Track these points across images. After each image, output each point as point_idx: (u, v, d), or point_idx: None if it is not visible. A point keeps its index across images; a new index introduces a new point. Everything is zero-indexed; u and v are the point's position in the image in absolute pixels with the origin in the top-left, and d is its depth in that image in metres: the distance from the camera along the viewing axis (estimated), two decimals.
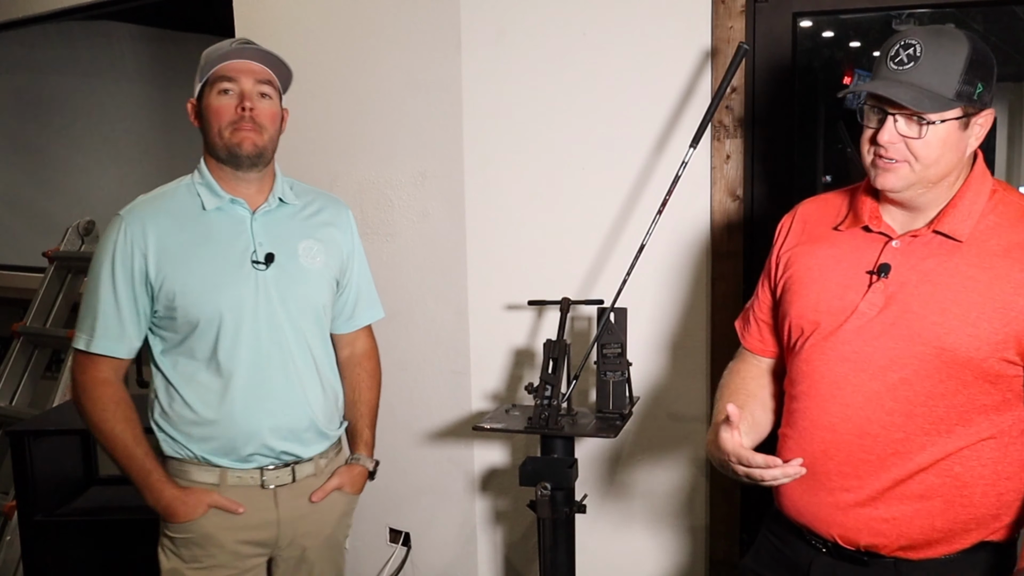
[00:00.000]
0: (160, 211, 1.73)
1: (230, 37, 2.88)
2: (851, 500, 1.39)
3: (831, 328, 1.41)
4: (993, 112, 1.35)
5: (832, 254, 1.46)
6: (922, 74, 1.29)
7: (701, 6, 2.22)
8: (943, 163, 1.33)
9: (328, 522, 1.88)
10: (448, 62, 2.43)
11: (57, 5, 4.30)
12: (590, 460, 2.44)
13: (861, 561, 1.42)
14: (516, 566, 2.61)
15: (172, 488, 1.72)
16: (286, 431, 1.76)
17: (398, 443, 2.68)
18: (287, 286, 1.76)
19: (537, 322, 2.47)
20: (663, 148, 2.29)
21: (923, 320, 1.33)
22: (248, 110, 1.69)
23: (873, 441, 1.37)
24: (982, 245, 1.33)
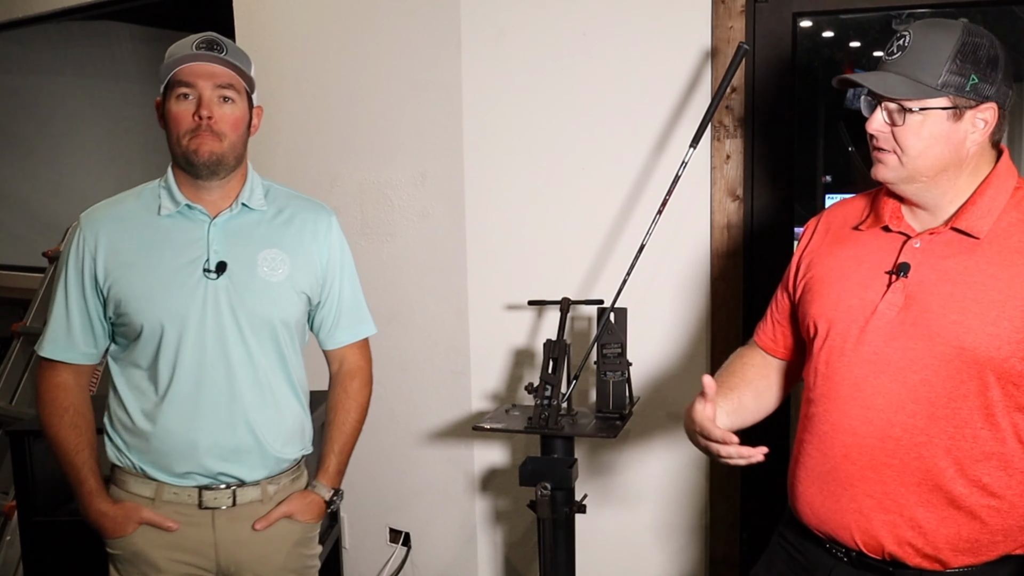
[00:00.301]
0: (115, 216, 1.68)
1: (230, 37, 2.89)
2: (874, 505, 1.36)
3: (850, 329, 1.38)
4: (995, 107, 1.30)
5: (853, 254, 1.44)
6: (907, 63, 1.29)
7: (701, 6, 2.22)
8: (931, 155, 1.31)
9: (277, 551, 1.73)
10: (448, 62, 2.43)
11: (57, 5, 4.30)
12: (590, 460, 2.44)
13: (885, 571, 1.38)
14: (516, 566, 2.61)
15: (101, 502, 1.67)
16: (225, 451, 1.65)
17: (398, 443, 2.68)
18: (240, 299, 1.64)
19: (537, 322, 2.47)
20: (663, 148, 2.29)
21: (942, 320, 1.30)
22: (206, 119, 1.59)
23: (895, 444, 1.33)
24: (1003, 243, 1.30)
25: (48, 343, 1.69)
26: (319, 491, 1.79)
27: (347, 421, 1.83)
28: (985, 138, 1.32)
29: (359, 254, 2.68)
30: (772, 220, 2.26)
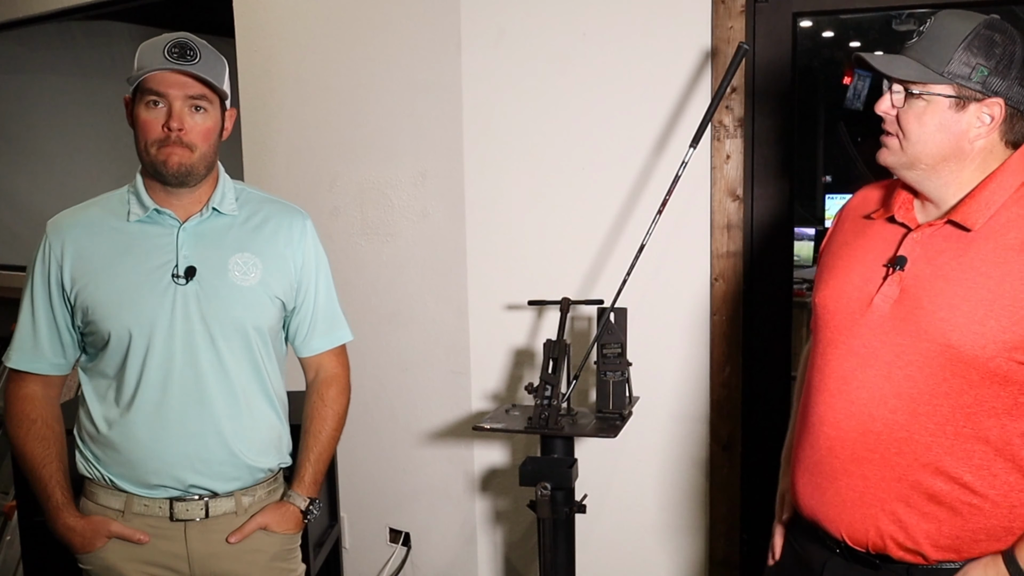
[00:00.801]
0: (82, 221, 1.63)
1: (230, 37, 2.89)
2: (856, 499, 1.36)
3: (846, 321, 1.38)
4: (1002, 103, 1.27)
5: (861, 244, 1.44)
6: (920, 48, 1.30)
7: (701, 6, 2.22)
8: (931, 143, 1.30)
9: (253, 564, 1.68)
10: (448, 62, 2.43)
11: (57, 5, 4.30)
12: (590, 460, 2.44)
13: (873, 564, 1.38)
14: (516, 566, 2.61)
15: (69, 517, 1.63)
16: (196, 462, 1.60)
17: (398, 443, 2.68)
18: (211, 304, 1.59)
19: (537, 322, 2.47)
20: (663, 148, 2.29)
21: (931, 316, 1.28)
22: (176, 131, 1.54)
23: (876, 439, 1.33)
24: (999, 239, 1.27)
25: (15, 353, 1.64)
26: (294, 501, 1.73)
27: (323, 430, 1.77)
28: (993, 135, 1.30)
29: (359, 254, 2.69)
30: (772, 220, 2.26)
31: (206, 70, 1.56)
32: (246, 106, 2.88)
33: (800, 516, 1.50)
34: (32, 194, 5.86)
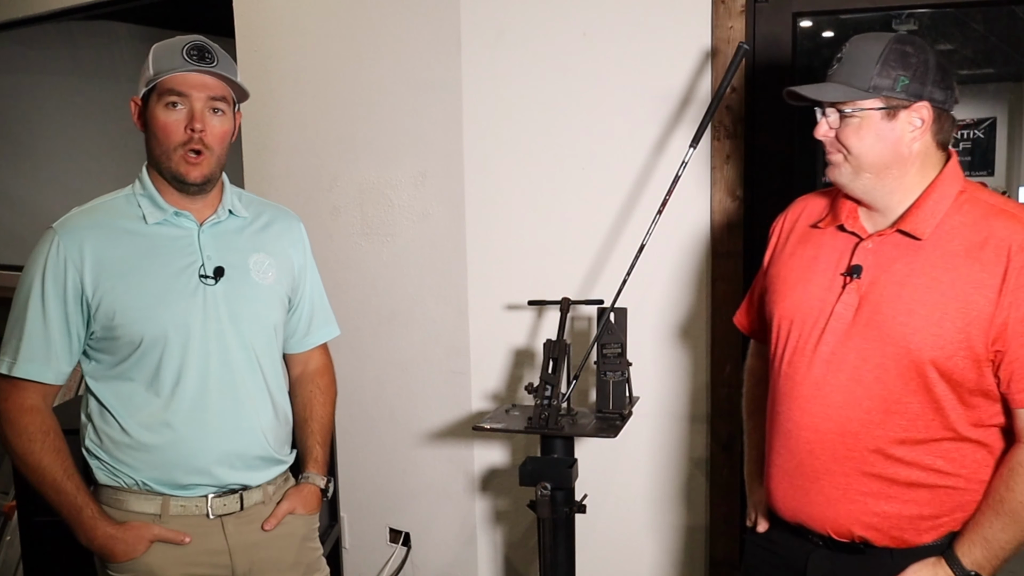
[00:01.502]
0: (97, 224, 1.58)
1: (230, 37, 2.89)
2: (840, 496, 1.44)
3: (811, 331, 1.47)
4: (929, 105, 1.38)
5: (812, 254, 1.52)
6: (843, 73, 1.40)
7: (701, 6, 2.22)
8: (874, 153, 1.39)
9: (288, 548, 1.73)
10: (448, 62, 2.43)
11: (57, 5, 4.30)
12: (590, 460, 2.44)
13: (857, 550, 1.46)
14: (516, 566, 2.61)
15: (107, 526, 1.58)
16: (235, 458, 1.64)
17: (398, 443, 2.68)
18: (237, 303, 1.63)
19: (537, 322, 2.47)
20: (663, 148, 2.29)
21: (892, 321, 1.38)
22: (199, 132, 1.55)
23: (855, 439, 1.42)
24: (946, 245, 1.37)
25: (24, 362, 1.56)
26: (314, 481, 1.80)
27: (325, 414, 1.86)
28: (926, 137, 1.40)
29: (359, 254, 2.69)
30: (772, 220, 2.25)
31: (226, 71, 1.59)
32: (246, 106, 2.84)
33: (778, 519, 1.58)
34: (32, 194, 5.86)
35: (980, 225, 1.37)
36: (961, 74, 11.80)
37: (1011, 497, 1.37)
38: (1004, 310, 1.32)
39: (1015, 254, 1.32)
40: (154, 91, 1.56)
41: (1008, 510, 1.37)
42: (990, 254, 1.34)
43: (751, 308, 1.76)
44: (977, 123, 12.71)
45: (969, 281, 1.34)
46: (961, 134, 12.78)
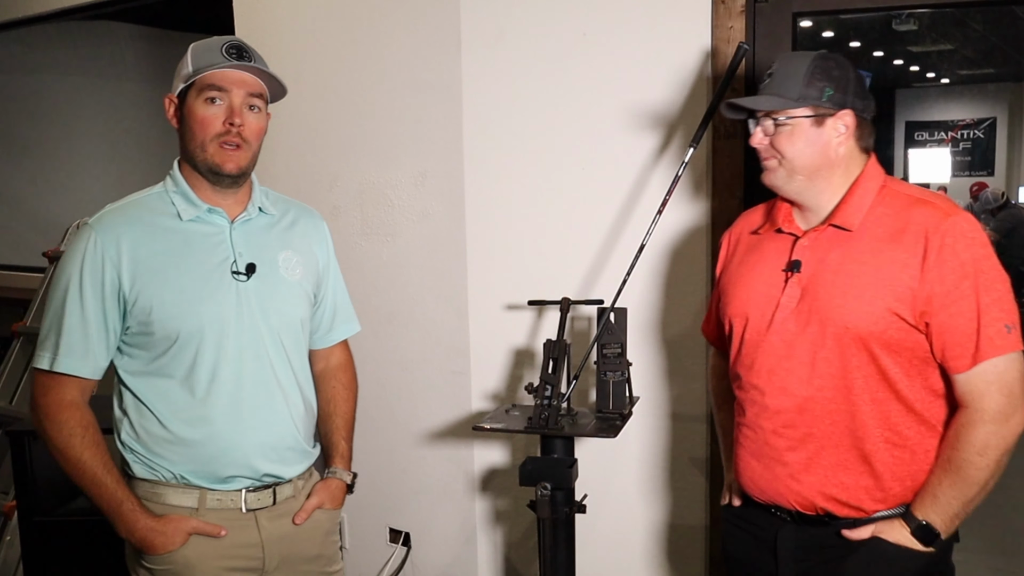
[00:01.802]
0: (133, 220, 1.61)
1: None
2: (802, 470, 1.57)
3: (761, 323, 1.61)
4: (852, 112, 1.54)
5: (756, 258, 1.68)
6: (774, 86, 1.56)
7: (701, 6, 2.22)
8: (805, 156, 1.55)
9: (314, 542, 1.78)
10: (448, 62, 2.43)
11: (57, 5, 4.30)
12: (590, 460, 2.44)
13: (822, 522, 1.59)
14: (516, 566, 2.61)
15: (147, 518, 1.60)
16: (270, 451, 1.67)
17: (398, 443, 2.69)
18: (268, 298, 1.67)
19: (537, 322, 2.47)
20: (663, 148, 2.30)
21: (830, 304, 1.53)
22: (237, 126, 1.60)
23: (812, 416, 1.55)
24: (872, 233, 1.53)
25: (64, 357, 1.58)
26: (340, 476, 1.85)
27: (349, 409, 1.92)
28: (850, 142, 1.56)
29: (359, 254, 2.69)
30: None
31: (270, 72, 1.65)
32: None
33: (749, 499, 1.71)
34: (32, 194, 5.86)
35: (901, 214, 1.52)
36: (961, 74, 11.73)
37: (956, 456, 1.49)
38: (927, 284, 1.46)
39: (932, 236, 1.47)
40: (192, 87, 1.61)
41: (954, 468, 1.49)
42: (911, 238, 1.49)
43: (712, 318, 1.90)
44: (977, 123, 12.64)
45: (895, 262, 1.49)
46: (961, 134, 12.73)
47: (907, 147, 12.35)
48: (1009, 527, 3.79)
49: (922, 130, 12.56)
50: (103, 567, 2.59)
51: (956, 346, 1.47)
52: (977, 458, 1.47)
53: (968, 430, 1.48)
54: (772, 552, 1.66)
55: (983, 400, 1.47)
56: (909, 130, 12.64)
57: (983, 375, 1.46)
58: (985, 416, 1.46)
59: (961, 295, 1.46)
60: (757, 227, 1.72)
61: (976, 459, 1.47)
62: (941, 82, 12.00)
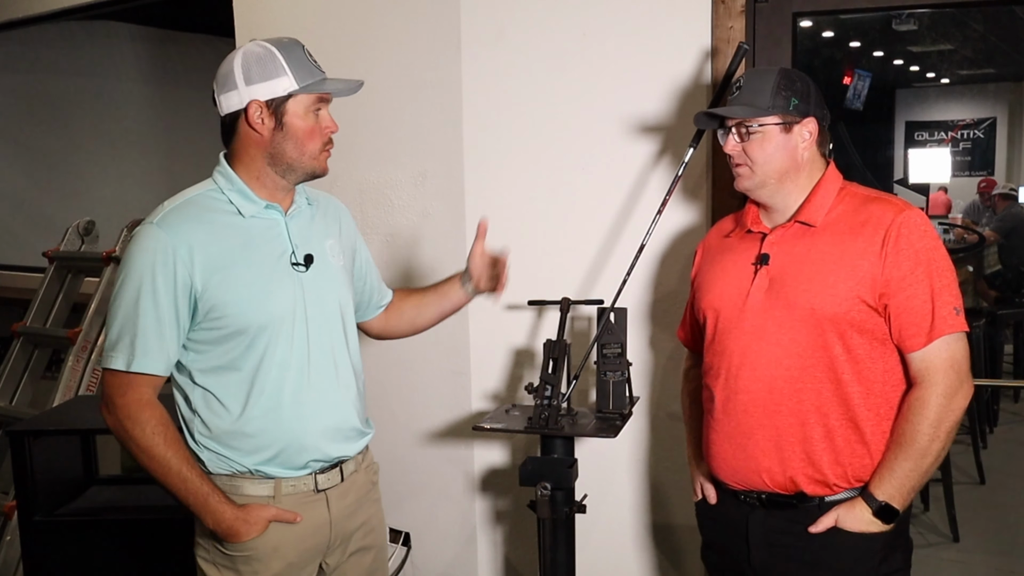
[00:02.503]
0: (196, 219, 1.64)
1: (230, 37, 2.89)
2: (772, 447, 1.67)
3: (733, 311, 1.73)
4: (815, 120, 1.69)
5: (728, 257, 1.81)
6: (746, 96, 1.69)
7: (701, 6, 2.22)
8: (775, 161, 1.69)
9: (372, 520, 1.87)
10: (448, 62, 2.43)
11: (57, 5, 4.30)
12: (590, 460, 2.44)
13: (790, 505, 1.69)
14: (516, 566, 2.61)
15: (233, 509, 1.65)
16: (336, 433, 1.74)
17: (398, 443, 2.68)
18: (324, 286, 1.74)
19: (537, 322, 2.47)
20: (663, 148, 2.30)
21: (796, 290, 1.65)
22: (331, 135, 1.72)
23: (780, 394, 1.66)
24: (834, 228, 1.67)
25: (141, 357, 1.60)
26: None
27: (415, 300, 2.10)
28: (813, 148, 1.70)
29: None
30: None
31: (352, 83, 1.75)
32: None
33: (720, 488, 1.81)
34: (32, 194, 5.86)
35: (860, 210, 1.67)
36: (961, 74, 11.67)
37: (909, 428, 1.60)
38: (886, 270, 1.60)
39: (890, 228, 1.61)
40: (293, 98, 1.66)
41: (908, 440, 1.60)
42: (870, 230, 1.63)
43: (685, 323, 2.01)
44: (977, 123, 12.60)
45: (855, 252, 1.63)
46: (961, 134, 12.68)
47: (907, 147, 12.33)
48: (1009, 527, 3.78)
49: (922, 130, 12.54)
50: (103, 567, 2.59)
51: (912, 325, 1.60)
52: (931, 430, 1.58)
53: (922, 404, 1.59)
54: (744, 538, 1.74)
55: (936, 375, 1.60)
56: (909, 130, 12.62)
57: (936, 352, 1.60)
58: (937, 390, 1.59)
59: (916, 279, 1.59)
60: (728, 232, 1.86)
61: (930, 431, 1.58)
62: (941, 82, 11.99)
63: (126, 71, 6.05)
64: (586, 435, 1.94)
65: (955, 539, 3.54)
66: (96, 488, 2.82)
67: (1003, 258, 6.05)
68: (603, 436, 1.92)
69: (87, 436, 2.84)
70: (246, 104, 1.64)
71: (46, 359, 3.92)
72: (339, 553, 1.81)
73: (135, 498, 2.73)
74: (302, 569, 1.74)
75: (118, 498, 2.73)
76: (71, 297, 3.93)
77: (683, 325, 2.02)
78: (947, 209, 9.01)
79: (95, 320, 3.61)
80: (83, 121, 5.94)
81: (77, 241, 3.96)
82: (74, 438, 2.80)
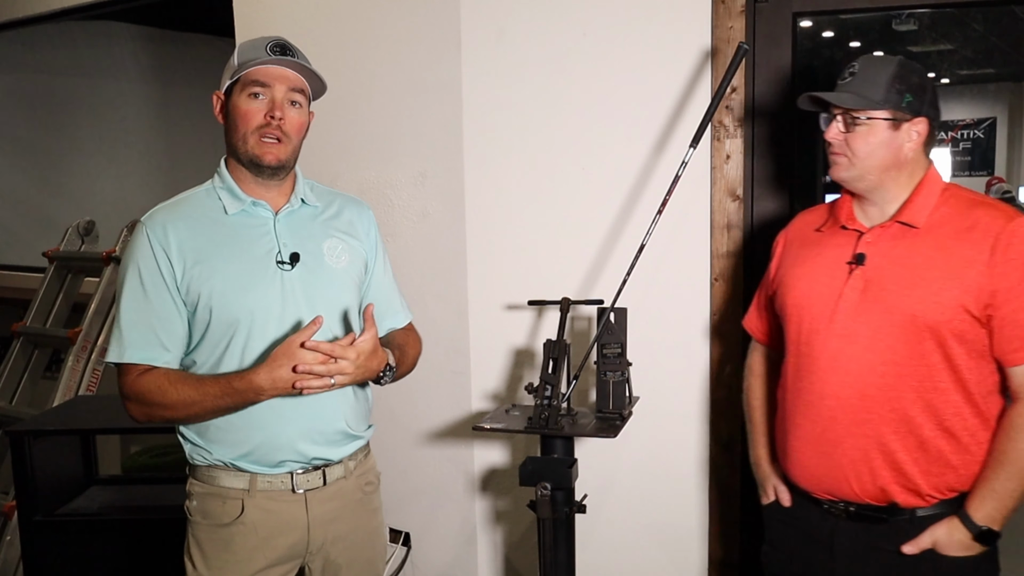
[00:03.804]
0: (180, 215, 1.68)
1: (230, 37, 2.89)
2: (861, 456, 1.61)
3: (823, 311, 1.65)
4: (927, 120, 1.61)
5: (818, 252, 1.72)
6: (857, 84, 1.61)
7: (701, 6, 2.22)
8: (876, 157, 1.61)
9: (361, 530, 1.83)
10: (448, 62, 2.43)
11: (57, 5, 4.30)
12: (590, 460, 2.44)
13: (880, 519, 1.62)
14: (516, 566, 2.61)
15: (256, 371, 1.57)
16: (316, 435, 1.72)
17: (398, 443, 2.68)
18: (314, 287, 1.71)
19: (537, 322, 2.47)
20: (663, 148, 2.29)
21: (896, 295, 1.58)
22: (278, 119, 1.66)
23: (872, 401, 1.59)
24: (938, 231, 1.59)
25: (128, 348, 1.63)
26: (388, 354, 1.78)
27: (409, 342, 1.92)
28: (919, 147, 1.62)
29: None
30: (772, 220, 2.26)
31: (312, 68, 1.71)
32: None
33: (797, 493, 1.75)
34: (32, 194, 5.85)
35: (966, 214, 1.59)
36: (961, 74, 11.72)
37: (1012, 447, 1.54)
38: (993, 280, 1.53)
39: (1000, 235, 1.54)
40: (237, 83, 1.66)
41: (1010, 460, 1.54)
42: (978, 236, 1.55)
43: (759, 313, 1.94)
44: (977, 123, 12.64)
45: (961, 259, 1.55)
46: (961, 134, 12.74)
47: None
48: (1009, 527, 3.78)
49: None
50: (103, 567, 2.59)
51: (1016, 339, 1.54)
52: None
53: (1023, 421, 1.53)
54: (828, 550, 1.68)
55: None
56: None
57: None
58: None
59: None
60: (819, 225, 1.77)
61: None
62: (941, 82, 11.99)
63: (126, 71, 6.05)
64: (586, 435, 1.94)
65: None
66: (96, 488, 2.82)
67: None
68: (603, 436, 1.92)
69: (87, 436, 2.84)
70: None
71: (46, 359, 3.93)
72: (320, 560, 1.79)
73: (135, 498, 2.74)
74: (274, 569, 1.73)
75: (118, 498, 2.73)
76: (71, 297, 3.93)
77: (753, 316, 1.96)
78: None
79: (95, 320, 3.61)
80: (83, 121, 5.93)
81: (77, 241, 3.97)
82: (74, 438, 2.80)
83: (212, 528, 1.72)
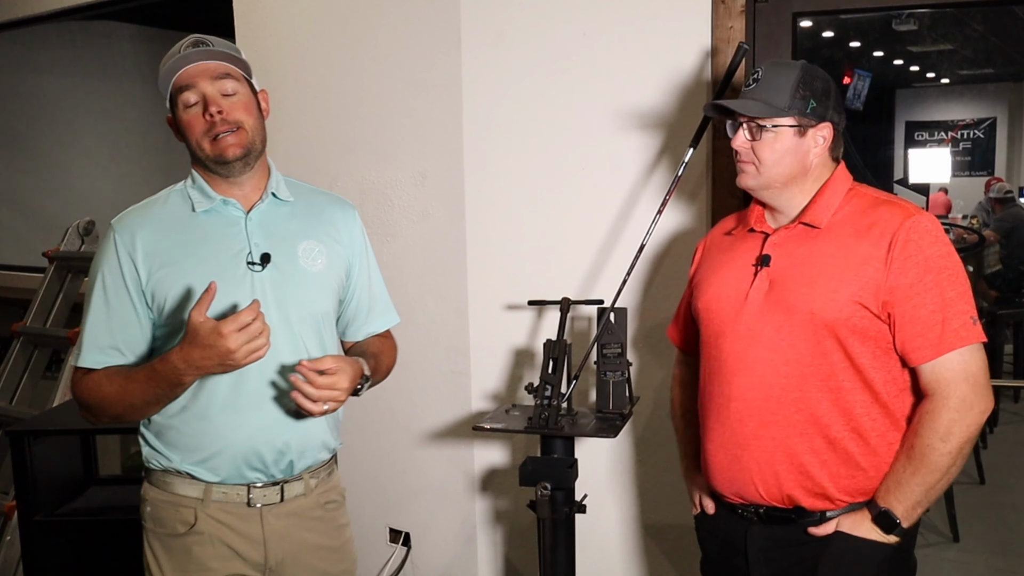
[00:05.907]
0: (149, 217, 1.65)
1: (230, 38, 2.89)
2: (768, 458, 1.60)
3: (729, 313, 1.66)
4: (831, 125, 1.61)
5: (728, 256, 1.74)
6: (762, 91, 1.60)
7: (701, 6, 2.22)
8: (783, 165, 1.61)
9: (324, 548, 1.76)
10: (448, 62, 2.43)
11: (57, 5, 4.30)
12: (590, 460, 2.44)
13: (790, 520, 1.62)
14: (516, 566, 2.61)
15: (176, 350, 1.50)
16: (274, 450, 1.65)
17: (398, 443, 2.69)
18: (285, 289, 1.65)
19: (537, 322, 2.47)
20: (663, 148, 2.30)
21: (796, 294, 1.58)
22: (216, 114, 1.60)
23: (777, 402, 1.59)
24: (839, 230, 1.60)
25: (86, 352, 1.62)
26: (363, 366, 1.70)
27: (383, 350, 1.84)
28: (825, 152, 1.63)
29: None
30: None
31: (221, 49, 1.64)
32: None
33: (718, 500, 1.74)
34: (32, 194, 5.85)
35: (867, 213, 1.59)
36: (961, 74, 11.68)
37: (919, 442, 1.52)
38: (891, 277, 1.52)
39: (897, 232, 1.53)
40: (172, 100, 1.63)
41: (917, 454, 1.52)
42: (877, 234, 1.55)
43: (679, 320, 1.94)
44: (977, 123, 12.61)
45: (860, 256, 1.55)
46: (961, 134, 12.69)
47: (907, 147, 12.34)
48: (1009, 527, 3.78)
49: (922, 130, 12.55)
50: (103, 567, 2.59)
51: (918, 336, 1.52)
52: (940, 444, 1.50)
53: (932, 417, 1.51)
54: (742, 554, 1.68)
55: (948, 388, 1.51)
56: (909, 130, 12.62)
57: (949, 364, 1.51)
58: (950, 404, 1.50)
59: (924, 288, 1.51)
60: (730, 230, 1.80)
61: (939, 445, 1.50)
62: (941, 82, 11.99)
63: (126, 71, 6.05)
64: (586, 435, 1.94)
65: (955, 539, 3.54)
66: (96, 488, 2.82)
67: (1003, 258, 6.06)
68: (603, 436, 1.92)
69: (87, 436, 2.84)
70: None
71: (46, 359, 3.92)
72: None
73: (135, 498, 2.72)
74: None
75: (118, 498, 2.73)
76: (71, 297, 3.93)
77: (675, 323, 1.96)
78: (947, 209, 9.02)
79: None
80: (83, 121, 5.94)
81: (77, 241, 3.96)
82: (74, 438, 2.80)
83: (167, 537, 1.67)
